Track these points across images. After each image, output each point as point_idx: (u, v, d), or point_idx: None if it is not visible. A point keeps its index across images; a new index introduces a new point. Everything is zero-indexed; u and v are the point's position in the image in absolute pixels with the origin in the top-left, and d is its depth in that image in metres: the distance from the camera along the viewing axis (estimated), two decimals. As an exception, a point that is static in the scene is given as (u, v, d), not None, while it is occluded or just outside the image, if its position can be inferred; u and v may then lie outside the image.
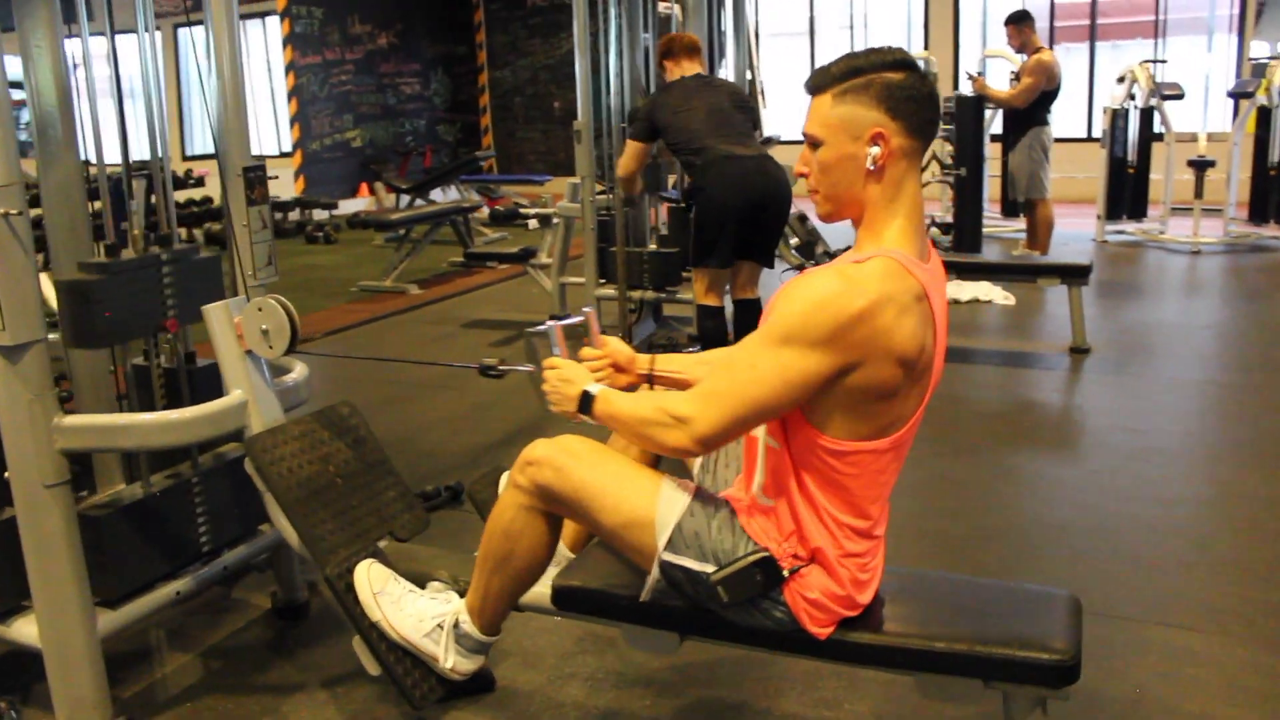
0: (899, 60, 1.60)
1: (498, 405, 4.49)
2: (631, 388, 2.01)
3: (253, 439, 2.12)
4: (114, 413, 2.28)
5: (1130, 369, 4.89)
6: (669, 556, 1.71)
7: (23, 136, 2.34)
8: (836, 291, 1.50)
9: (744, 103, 4.35)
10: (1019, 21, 6.93)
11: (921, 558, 3.02)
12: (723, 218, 4.08)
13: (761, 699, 2.32)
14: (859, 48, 1.65)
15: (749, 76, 8.89)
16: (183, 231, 10.02)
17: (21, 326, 2.02)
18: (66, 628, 2.19)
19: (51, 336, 2.16)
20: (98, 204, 2.46)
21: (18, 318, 2.01)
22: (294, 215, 11.07)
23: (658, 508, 1.71)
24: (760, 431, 1.73)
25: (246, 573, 2.90)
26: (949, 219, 7.88)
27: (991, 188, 8.64)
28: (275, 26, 12.30)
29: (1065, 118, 11.20)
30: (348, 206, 11.82)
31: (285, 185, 11.55)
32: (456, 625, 1.90)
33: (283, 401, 2.43)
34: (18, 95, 2.98)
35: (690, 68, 4.36)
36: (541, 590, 1.94)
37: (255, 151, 2.65)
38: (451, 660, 1.90)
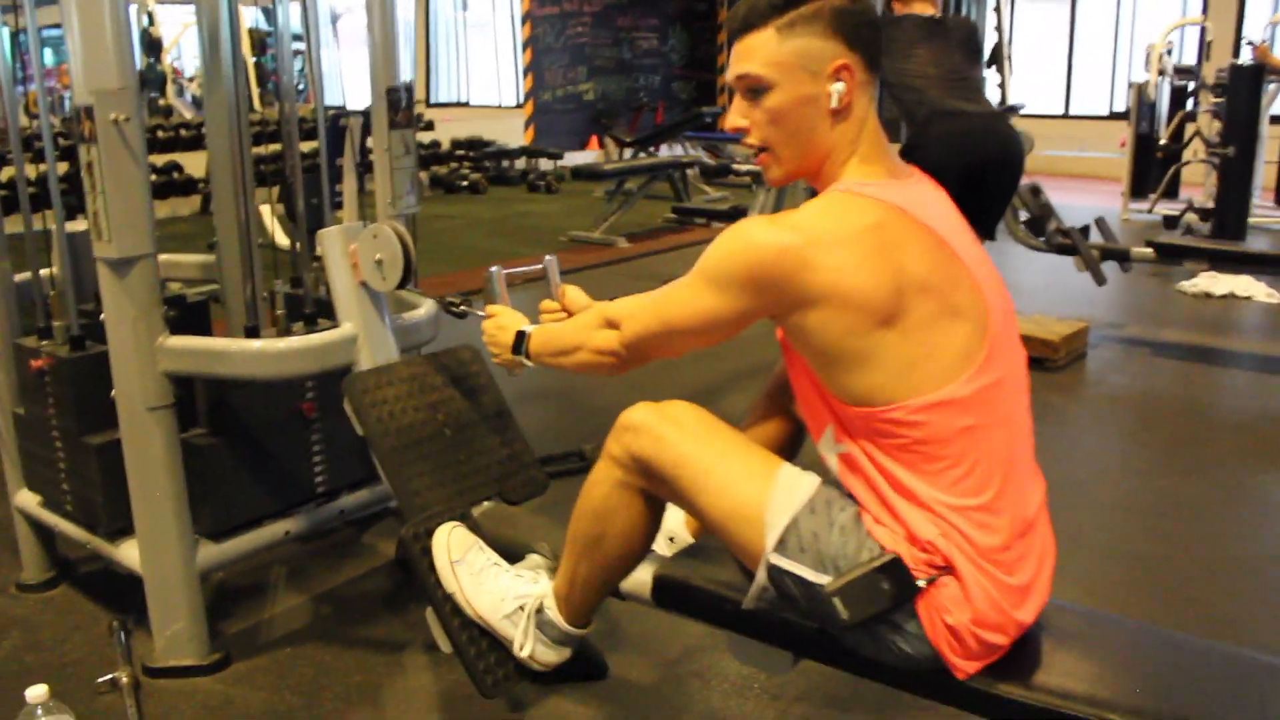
0: None
1: (685, 365, 4.21)
2: None
3: (354, 377, 1.94)
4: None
5: None
6: (778, 560, 1.40)
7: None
8: (755, 238, 1.35)
9: (977, 50, 3.88)
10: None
11: (1121, 589, 2.57)
12: (939, 180, 3.63)
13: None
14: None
15: (996, 39, 8.28)
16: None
17: (129, 240, 1.92)
18: (165, 556, 2.11)
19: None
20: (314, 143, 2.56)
21: (126, 231, 1.91)
22: (519, 164, 11.16)
23: (771, 498, 1.40)
24: (825, 444, 1.44)
25: (383, 517, 2.79)
26: (1209, 204, 7.01)
27: (1266, 174, 7.67)
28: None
29: None
30: (575, 158, 11.82)
31: (515, 133, 11.67)
32: (540, 611, 1.65)
33: (406, 340, 2.26)
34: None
35: (922, 7, 3.90)
36: (644, 579, 1.67)
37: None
38: (530, 648, 1.66)
